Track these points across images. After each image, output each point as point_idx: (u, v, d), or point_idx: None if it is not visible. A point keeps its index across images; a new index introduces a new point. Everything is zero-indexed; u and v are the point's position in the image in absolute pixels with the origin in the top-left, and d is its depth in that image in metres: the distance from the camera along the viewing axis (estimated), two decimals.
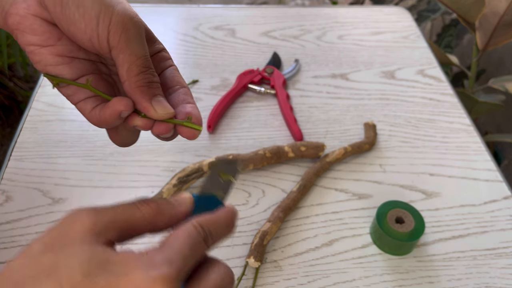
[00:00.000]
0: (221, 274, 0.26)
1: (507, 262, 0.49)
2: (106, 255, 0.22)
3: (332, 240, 0.51)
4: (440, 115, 0.66)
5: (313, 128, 0.63)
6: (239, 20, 0.81)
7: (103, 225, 0.24)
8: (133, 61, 0.30)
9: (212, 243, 0.26)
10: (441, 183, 0.57)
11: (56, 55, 0.31)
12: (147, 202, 0.26)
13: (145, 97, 0.31)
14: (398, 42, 0.79)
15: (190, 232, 0.25)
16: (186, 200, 0.28)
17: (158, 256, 0.23)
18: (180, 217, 0.27)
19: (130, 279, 0.22)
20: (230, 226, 0.28)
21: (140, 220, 0.25)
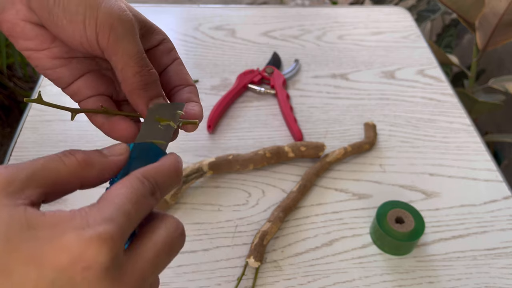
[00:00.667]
0: (171, 229, 0.23)
1: (507, 262, 0.49)
2: (28, 217, 0.19)
3: (332, 240, 0.51)
4: (440, 115, 0.66)
5: (313, 128, 0.63)
6: (239, 20, 0.81)
7: (21, 183, 0.21)
8: (126, 61, 0.28)
9: (160, 196, 0.24)
10: (441, 183, 0.57)
11: (53, 58, 0.30)
12: (72, 152, 0.23)
13: (141, 101, 0.29)
14: (398, 42, 0.79)
15: (133, 184, 0.22)
16: (120, 149, 0.25)
17: (95, 214, 0.20)
18: (114, 169, 0.25)
19: (59, 243, 0.19)
20: (177, 175, 0.25)
21: (65, 174, 0.22)
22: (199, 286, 0.46)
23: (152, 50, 0.32)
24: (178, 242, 0.24)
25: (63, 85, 0.31)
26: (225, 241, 0.50)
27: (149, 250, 0.22)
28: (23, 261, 0.18)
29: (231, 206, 0.53)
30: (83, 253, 0.19)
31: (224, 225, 0.51)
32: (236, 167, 0.55)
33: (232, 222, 0.52)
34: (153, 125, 0.28)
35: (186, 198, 0.54)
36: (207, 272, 0.47)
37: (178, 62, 0.33)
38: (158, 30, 0.33)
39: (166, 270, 0.47)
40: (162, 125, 0.28)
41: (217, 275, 0.47)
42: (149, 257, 0.22)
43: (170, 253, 0.23)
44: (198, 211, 0.53)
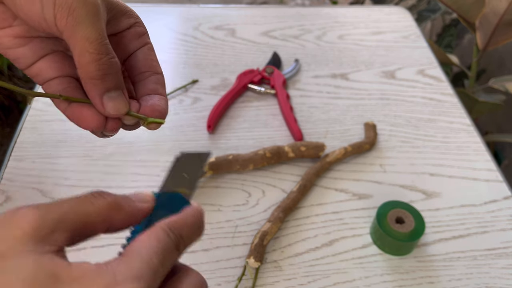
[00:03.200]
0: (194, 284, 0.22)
1: (507, 262, 0.49)
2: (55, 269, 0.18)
3: (332, 240, 0.51)
4: (440, 115, 0.66)
5: (313, 128, 0.63)
6: (239, 20, 0.81)
7: (50, 226, 0.19)
8: (84, 46, 0.26)
9: (183, 249, 0.23)
10: (442, 183, 0.57)
11: (14, 37, 0.28)
12: (102, 194, 0.22)
13: (96, 91, 0.27)
14: (398, 42, 0.79)
15: (160, 237, 0.21)
16: (147, 196, 0.25)
17: (123, 269, 0.19)
18: (140, 215, 0.24)
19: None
20: (200, 227, 0.25)
21: (94, 216, 0.21)
22: None
23: (121, 33, 0.30)
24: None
25: (24, 65, 0.29)
26: (225, 241, 0.50)
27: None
28: None
29: (231, 206, 0.53)
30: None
31: (224, 225, 0.51)
32: (236, 167, 0.55)
33: (232, 222, 0.52)
34: (178, 173, 0.27)
35: None
36: (207, 272, 0.47)
37: (148, 47, 0.31)
38: (130, 13, 0.30)
39: None
40: (187, 174, 0.27)
41: (217, 275, 0.47)
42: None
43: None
44: None
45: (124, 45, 0.30)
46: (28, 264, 0.18)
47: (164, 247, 0.21)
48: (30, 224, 0.19)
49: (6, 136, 1.37)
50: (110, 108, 0.28)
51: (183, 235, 0.23)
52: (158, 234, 0.21)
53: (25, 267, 0.18)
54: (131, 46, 0.31)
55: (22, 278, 0.17)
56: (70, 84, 0.29)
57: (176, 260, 0.22)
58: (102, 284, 0.18)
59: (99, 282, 0.18)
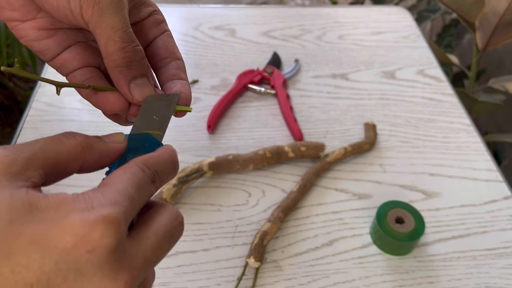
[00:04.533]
0: (171, 217, 0.23)
1: (507, 262, 0.49)
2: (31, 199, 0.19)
3: (332, 240, 0.51)
4: (440, 115, 0.66)
5: (313, 128, 0.63)
6: (239, 20, 0.81)
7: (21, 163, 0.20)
8: (110, 35, 0.26)
9: (159, 184, 0.24)
10: (441, 183, 0.57)
11: (38, 29, 0.29)
12: (73, 134, 0.23)
13: (123, 79, 0.28)
14: (398, 42, 0.79)
15: (135, 171, 0.22)
16: (119, 137, 0.25)
17: (99, 197, 0.20)
18: (113, 155, 0.24)
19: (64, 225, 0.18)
20: (175, 165, 0.25)
21: (66, 155, 0.22)
22: (199, 286, 0.46)
23: (141, 22, 0.31)
24: (178, 230, 0.23)
25: (48, 57, 0.30)
26: (225, 241, 0.50)
27: (151, 236, 0.22)
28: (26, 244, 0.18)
29: (231, 206, 0.53)
30: (88, 235, 0.18)
31: (224, 225, 0.51)
32: (236, 167, 0.55)
33: (232, 222, 0.52)
34: (148, 116, 0.28)
35: (186, 198, 0.54)
36: (207, 272, 0.47)
37: (167, 34, 0.32)
38: (148, 1, 0.31)
39: (166, 270, 0.47)
40: (157, 116, 0.28)
41: (217, 275, 0.47)
42: (151, 243, 0.21)
43: (170, 240, 0.23)
44: (198, 211, 0.52)
45: (144, 34, 0.31)
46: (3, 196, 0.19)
47: (139, 179, 0.22)
48: (2, 162, 0.20)
49: (6, 136, 1.37)
50: (137, 95, 0.28)
51: (158, 171, 0.23)
52: (133, 169, 0.22)
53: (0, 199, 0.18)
54: (150, 34, 0.31)
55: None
56: (94, 74, 0.30)
57: (152, 194, 0.23)
58: (78, 208, 0.19)
59: (76, 207, 0.19)
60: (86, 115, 0.63)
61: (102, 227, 0.18)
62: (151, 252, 0.21)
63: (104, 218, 0.19)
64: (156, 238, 0.22)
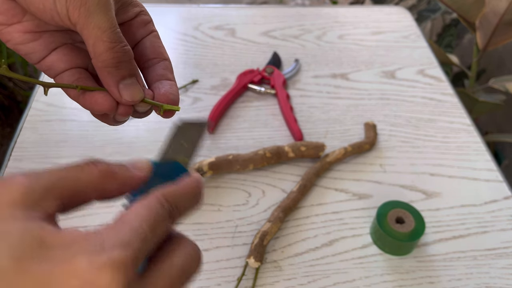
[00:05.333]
0: (188, 254, 0.22)
1: (507, 262, 0.49)
2: (43, 234, 0.18)
3: (332, 240, 0.51)
4: (440, 115, 0.66)
5: (313, 128, 0.63)
6: (239, 20, 0.81)
7: (39, 193, 0.19)
8: (98, 36, 0.26)
9: (178, 218, 0.23)
10: (442, 183, 0.57)
11: (24, 32, 0.29)
12: (94, 162, 0.22)
13: (112, 79, 0.28)
14: (399, 42, 0.79)
15: (152, 205, 0.21)
16: (143, 164, 0.24)
17: (111, 235, 0.19)
18: (135, 183, 0.24)
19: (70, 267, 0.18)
20: (197, 196, 0.24)
21: (85, 184, 0.21)
22: (199, 286, 0.46)
23: (127, 23, 0.31)
24: (195, 268, 0.22)
25: (35, 60, 0.30)
26: (225, 241, 0.50)
27: (164, 277, 0.21)
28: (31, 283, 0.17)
29: (231, 206, 0.53)
30: (94, 280, 0.18)
31: (224, 225, 0.51)
32: (236, 167, 0.55)
33: (232, 222, 0.52)
34: (177, 141, 0.27)
35: None
36: (207, 272, 0.47)
37: (154, 34, 0.32)
38: (135, 2, 0.31)
39: None
40: (186, 142, 0.27)
41: (217, 275, 0.47)
42: (163, 284, 0.21)
43: (185, 279, 0.22)
44: (198, 211, 0.52)
45: (131, 34, 0.31)
46: (16, 229, 0.18)
47: (156, 215, 0.21)
48: (20, 191, 0.19)
49: (6, 136, 1.37)
50: (126, 96, 0.28)
51: (178, 204, 0.22)
52: (151, 203, 0.21)
53: (12, 232, 0.18)
54: (138, 34, 0.31)
55: (9, 242, 0.18)
56: (81, 75, 0.30)
57: (170, 229, 0.22)
58: (89, 250, 0.18)
59: (86, 248, 0.18)
60: (86, 115, 0.63)
61: (110, 272, 0.18)
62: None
63: (113, 262, 0.18)
64: (169, 278, 0.21)
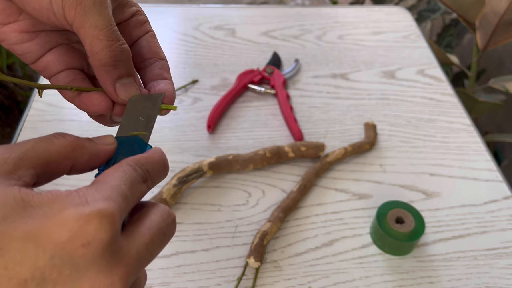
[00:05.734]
0: (162, 214, 0.23)
1: (507, 262, 0.49)
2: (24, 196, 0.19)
3: (332, 240, 0.51)
4: (440, 115, 0.66)
5: (313, 128, 0.63)
6: (239, 20, 0.81)
7: (13, 163, 0.20)
8: (95, 34, 0.26)
9: (151, 184, 0.24)
10: (441, 183, 0.57)
11: (20, 32, 0.28)
12: (63, 134, 0.23)
13: (109, 78, 0.28)
14: (398, 42, 0.79)
15: (127, 169, 0.22)
16: (108, 139, 0.25)
17: (93, 193, 0.20)
18: (103, 156, 0.25)
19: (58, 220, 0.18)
20: (165, 165, 0.25)
21: (56, 154, 0.22)
22: (199, 286, 0.46)
23: (124, 23, 0.31)
24: (171, 228, 0.23)
25: (31, 60, 0.30)
26: (225, 241, 0.50)
27: (145, 233, 0.22)
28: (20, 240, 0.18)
29: (231, 206, 0.53)
30: (83, 229, 0.18)
31: (224, 225, 0.51)
32: (236, 167, 0.55)
33: (232, 222, 0.52)
34: (134, 116, 0.28)
35: (186, 198, 0.54)
36: (207, 272, 0.47)
37: (150, 34, 0.32)
38: (131, 2, 0.31)
39: (167, 270, 0.47)
40: (142, 117, 0.28)
41: (217, 275, 0.47)
42: (145, 239, 0.21)
43: (163, 238, 0.23)
44: (198, 211, 0.52)
45: (127, 34, 0.31)
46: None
47: (132, 178, 0.22)
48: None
49: (6, 136, 1.37)
50: (123, 95, 0.28)
51: (149, 171, 0.23)
52: (125, 167, 0.22)
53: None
54: (134, 34, 0.31)
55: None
56: (77, 76, 0.30)
57: (144, 193, 0.23)
58: (72, 203, 0.19)
59: (69, 202, 0.19)
60: (86, 115, 0.63)
61: (97, 221, 0.18)
62: (145, 248, 0.21)
63: (99, 212, 0.19)
64: (149, 235, 0.22)
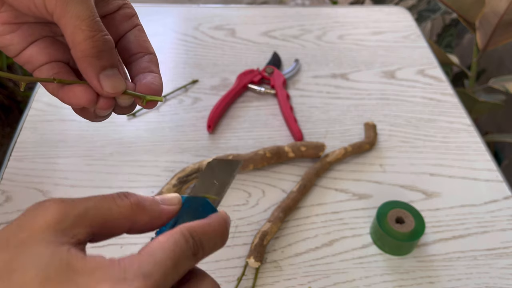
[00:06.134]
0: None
1: (507, 262, 0.49)
2: (70, 259, 0.19)
3: (332, 240, 0.51)
4: (440, 115, 0.66)
5: (313, 128, 0.63)
6: (239, 20, 0.81)
7: (72, 220, 0.20)
8: (76, 24, 0.25)
9: (202, 257, 0.23)
10: (441, 183, 0.57)
11: (2, 23, 0.28)
12: (126, 195, 0.23)
13: (92, 70, 0.26)
14: (398, 42, 0.79)
15: (177, 241, 0.21)
16: (173, 199, 0.25)
17: (134, 265, 0.19)
18: (164, 218, 0.24)
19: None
20: (223, 236, 0.24)
21: (116, 215, 0.22)
22: None
23: (110, 16, 0.30)
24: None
25: (13, 52, 0.29)
26: None
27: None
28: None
29: (231, 206, 0.53)
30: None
31: None
32: None
33: (232, 222, 0.52)
34: (209, 180, 0.28)
35: None
36: (207, 272, 0.47)
37: (138, 28, 0.31)
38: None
39: None
40: (217, 181, 0.28)
41: (217, 275, 0.47)
42: None
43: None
44: None
45: (114, 27, 0.30)
46: (45, 253, 0.19)
47: (180, 251, 0.21)
48: (53, 216, 0.20)
49: (6, 136, 1.37)
50: (107, 87, 0.27)
51: (203, 242, 0.23)
52: (177, 238, 0.21)
53: (41, 255, 0.19)
54: (121, 28, 0.30)
55: (37, 264, 0.18)
56: (61, 69, 0.29)
57: (192, 266, 0.22)
58: (112, 278, 0.19)
59: (109, 276, 0.19)
60: None
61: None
62: None
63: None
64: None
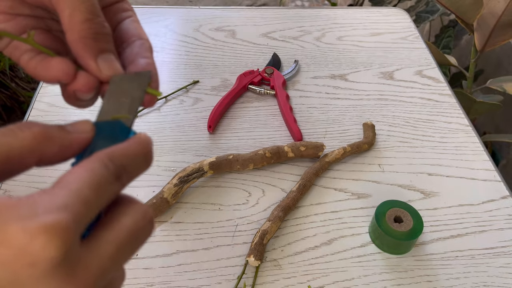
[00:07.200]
0: (136, 216, 0.21)
1: (505, 261, 0.50)
2: None
3: (332, 239, 0.51)
4: (438, 116, 0.66)
5: (312, 128, 0.63)
6: (239, 21, 0.82)
7: None
8: (75, 6, 0.24)
9: (127, 180, 0.21)
10: (440, 182, 0.57)
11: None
12: (28, 125, 0.20)
13: (90, 52, 0.25)
14: (397, 43, 0.79)
15: (93, 167, 0.19)
16: (84, 126, 0.23)
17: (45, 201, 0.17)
18: (76, 147, 0.22)
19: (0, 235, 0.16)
20: (147, 156, 0.22)
21: (19, 149, 0.20)
22: (200, 285, 0.46)
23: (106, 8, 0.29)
24: (145, 231, 0.21)
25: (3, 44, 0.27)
26: (225, 240, 0.50)
27: (111, 242, 0.19)
28: None
29: (231, 205, 0.54)
30: (27, 247, 0.16)
31: (225, 224, 0.52)
32: (236, 167, 0.56)
33: (232, 221, 0.52)
34: (116, 99, 0.24)
35: (187, 197, 0.54)
36: (207, 271, 0.48)
37: (132, 19, 0.30)
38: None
39: (167, 269, 0.47)
40: (126, 98, 0.24)
41: (217, 274, 0.47)
42: (110, 249, 0.19)
43: (134, 243, 0.20)
44: (199, 211, 0.53)
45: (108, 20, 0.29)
46: None
47: (100, 177, 0.19)
48: None
49: None
50: (106, 70, 0.25)
51: (125, 165, 0.21)
52: (94, 165, 0.20)
53: None
54: (114, 19, 0.29)
55: None
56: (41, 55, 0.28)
57: (117, 192, 0.21)
58: (19, 216, 0.17)
59: (17, 214, 0.17)
60: (88, 115, 0.63)
61: (44, 238, 0.16)
62: (110, 259, 0.19)
63: (46, 227, 0.16)
64: (116, 243, 0.19)
